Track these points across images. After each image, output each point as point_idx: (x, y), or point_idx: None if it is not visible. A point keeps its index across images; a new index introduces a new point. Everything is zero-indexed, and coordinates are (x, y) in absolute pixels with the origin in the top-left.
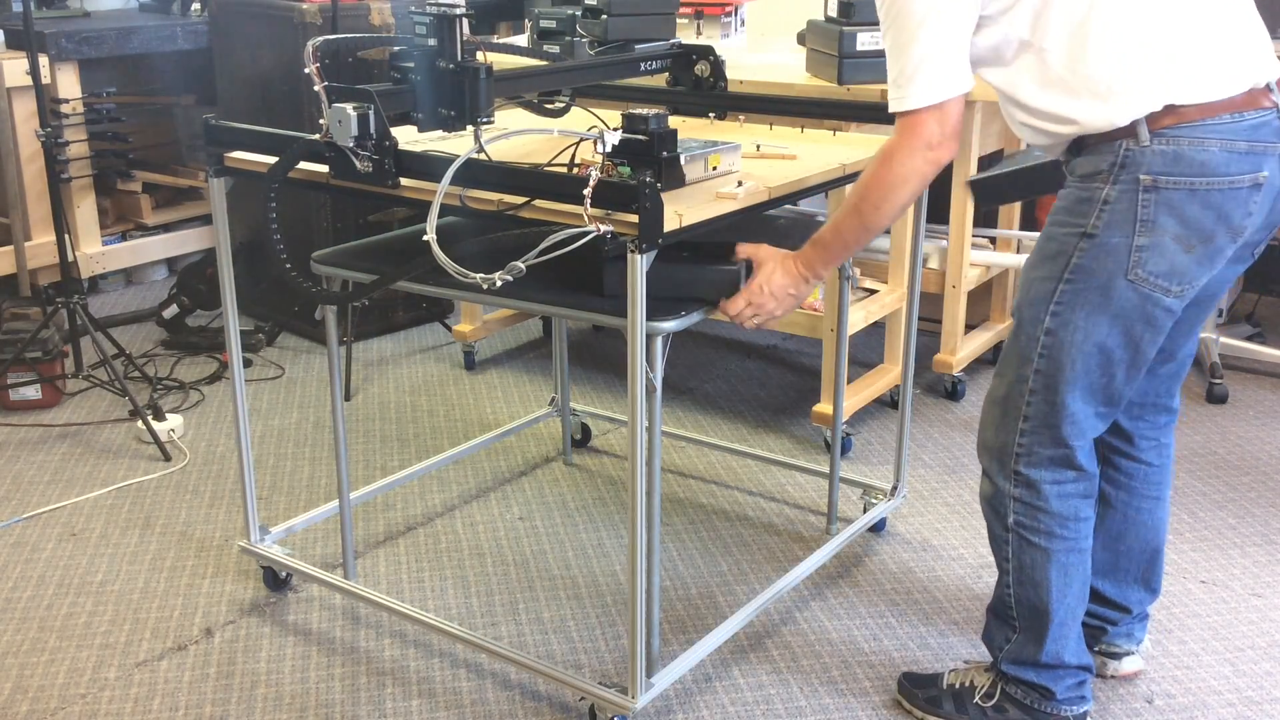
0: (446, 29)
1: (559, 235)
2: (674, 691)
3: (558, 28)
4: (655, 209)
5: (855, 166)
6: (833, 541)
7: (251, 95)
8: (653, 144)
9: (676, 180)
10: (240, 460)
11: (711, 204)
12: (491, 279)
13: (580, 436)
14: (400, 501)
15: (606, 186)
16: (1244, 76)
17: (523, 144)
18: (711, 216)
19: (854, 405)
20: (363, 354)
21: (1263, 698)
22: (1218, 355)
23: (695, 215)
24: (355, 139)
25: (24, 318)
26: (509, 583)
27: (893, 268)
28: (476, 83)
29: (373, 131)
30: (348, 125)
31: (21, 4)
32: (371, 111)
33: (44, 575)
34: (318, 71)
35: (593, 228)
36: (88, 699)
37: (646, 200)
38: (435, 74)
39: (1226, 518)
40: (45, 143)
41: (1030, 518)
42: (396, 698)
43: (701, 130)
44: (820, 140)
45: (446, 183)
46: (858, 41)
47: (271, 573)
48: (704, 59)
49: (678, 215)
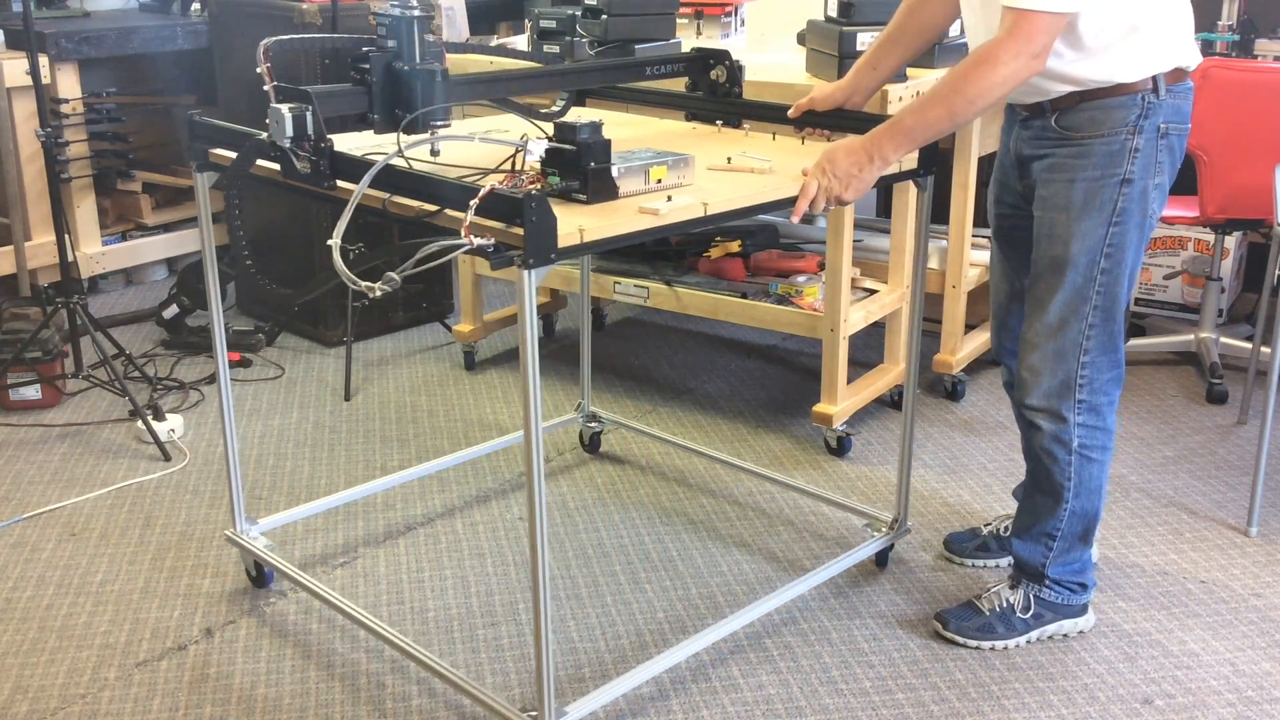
0: (405, 30)
1: (432, 247)
2: (674, 691)
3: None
4: (542, 223)
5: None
6: (826, 567)
7: (251, 95)
8: (580, 154)
9: (607, 192)
10: (226, 447)
11: (630, 219)
12: (373, 288)
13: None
14: (400, 501)
15: (497, 199)
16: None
17: (485, 150)
18: (620, 233)
19: (854, 405)
20: (363, 354)
21: (1263, 698)
22: (1218, 355)
23: (602, 231)
24: (292, 139)
25: (24, 318)
26: (509, 583)
27: (892, 268)
28: (432, 85)
29: (309, 132)
30: (284, 125)
31: (21, 4)
32: (309, 112)
33: (44, 575)
34: (268, 71)
35: (466, 241)
36: (88, 699)
37: (533, 214)
38: (390, 75)
39: (1226, 517)
40: (45, 143)
41: (1092, 437)
42: (396, 698)
43: (697, 138)
44: (806, 151)
45: (363, 187)
46: (858, 41)
47: (257, 567)
48: (720, 64)
49: (579, 230)
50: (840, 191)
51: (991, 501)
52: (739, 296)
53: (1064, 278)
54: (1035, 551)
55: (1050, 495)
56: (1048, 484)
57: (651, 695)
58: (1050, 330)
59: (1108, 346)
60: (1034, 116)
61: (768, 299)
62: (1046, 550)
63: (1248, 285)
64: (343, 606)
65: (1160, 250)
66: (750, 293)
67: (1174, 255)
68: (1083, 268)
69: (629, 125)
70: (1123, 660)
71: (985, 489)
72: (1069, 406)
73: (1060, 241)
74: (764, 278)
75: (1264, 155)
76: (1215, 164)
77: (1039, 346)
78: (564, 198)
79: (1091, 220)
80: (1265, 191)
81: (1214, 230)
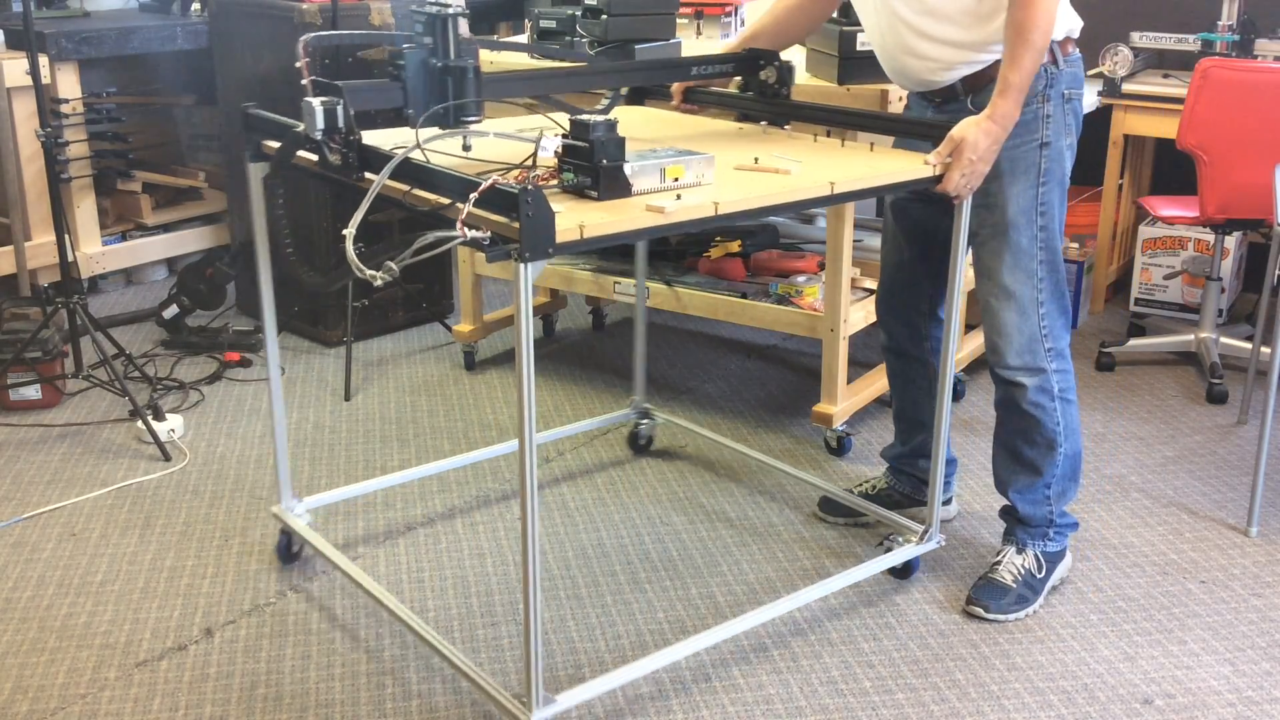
0: (440, 28)
1: (428, 237)
2: (674, 691)
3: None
4: (539, 218)
5: (843, 186)
6: (842, 575)
7: (252, 95)
8: (592, 151)
9: (620, 189)
10: (274, 424)
11: (635, 216)
12: (376, 276)
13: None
14: (400, 501)
15: (496, 193)
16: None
17: (516, 147)
18: (623, 230)
19: (854, 405)
20: (363, 354)
21: (1263, 698)
22: (1218, 355)
23: (604, 228)
24: (323, 132)
25: (24, 318)
26: (509, 583)
27: None
28: (464, 82)
29: (340, 125)
30: (315, 118)
31: (21, 4)
32: (339, 106)
33: (44, 575)
34: (307, 66)
35: (460, 233)
36: (88, 699)
37: (529, 209)
38: (423, 71)
39: (1226, 517)
40: (45, 143)
41: (1065, 381)
42: (397, 698)
43: (739, 138)
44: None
45: (382, 179)
46: (857, 41)
47: (286, 541)
48: (770, 64)
49: (579, 226)
50: (984, 170)
51: (993, 501)
52: (739, 296)
53: (1008, 239)
54: (1039, 506)
55: (1044, 446)
56: (1040, 436)
57: (651, 695)
58: (1006, 292)
59: (1056, 294)
60: (948, 100)
61: (768, 299)
62: (1047, 500)
63: (1248, 285)
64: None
65: (1160, 250)
66: (750, 293)
67: (1174, 255)
68: (1023, 227)
69: (675, 124)
70: (1123, 660)
71: (986, 488)
72: (1041, 357)
73: (999, 209)
74: (764, 278)
75: (1264, 155)
76: (1215, 164)
77: (999, 310)
78: (577, 194)
79: (1021, 183)
80: (1265, 191)
81: (1214, 230)
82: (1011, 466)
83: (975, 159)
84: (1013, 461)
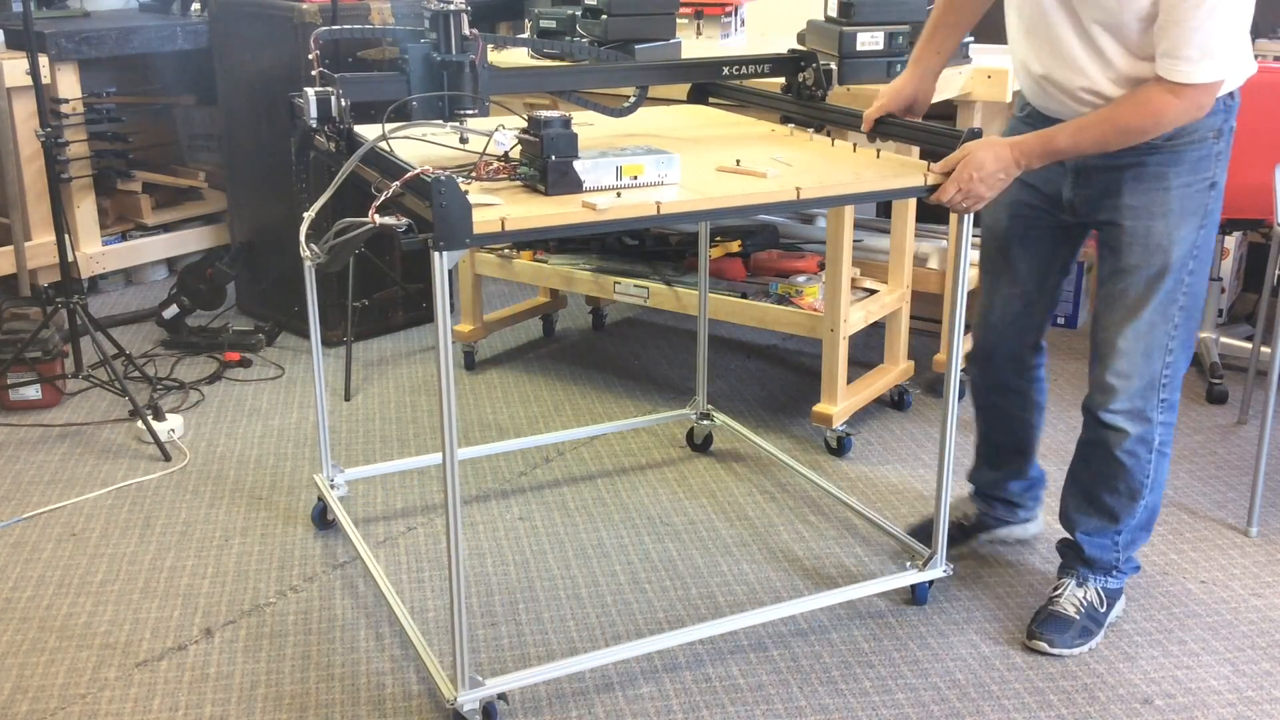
0: (443, 24)
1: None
2: (675, 691)
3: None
4: (452, 207)
5: (809, 193)
6: (842, 590)
7: (252, 95)
8: (541, 147)
9: (569, 185)
10: (316, 394)
11: (565, 212)
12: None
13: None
14: (400, 500)
15: (419, 183)
16: None
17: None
18: (547, 225)
19: (854, 405)
20: (363, 354)
21: (1263, 698)
22: (1218, 355)
23: (527, 222)
24: (316, 120)
25: (24, 318)
26: (509, 583)
27: (892, 268)
28: (460, 75)
29: (334, 114)
30: (309, 107)
31: (21, 4)
32: (333, 97)
33: (44, 575)
34: (317, 59)
35: (370, 221)
36: (88, 699)
37: (442, 199)
38: (426, 65)
39: (1226, 517)
40: (45, 143)
41: (1167, 435)
42: (396, 698)
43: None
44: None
45: (350, 166)
46: (858, 41)
47: (322, 508)
48: (809, 67)
49: (501, 220)
50: (984, 192)
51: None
52: (739, 296)
53: (1162, 283)
54: (1108, 550)
55: (1126, 496)
56: (1124, 485)
57: (651, 695)
58: (1139, 334)
59: (1187, 343)
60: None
61: (768, 299)
62: (1116, 545)
63: (1248, 285)
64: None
65: None
66: (750, 293)
67: None
68: (1176, 271)
69: (723, 125)
70: (1123, 660)
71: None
72: (1153, 407)
73: (1160, 250)
74: (764, 278)
75: (1264, 155)
76: None
77: (1127, 352)
78: (530, 188)
79: (1188, 225)
80: (1265, 191)
81: None
82: (1085, 509)
83: (977, 178)
84: (1087, 504)
